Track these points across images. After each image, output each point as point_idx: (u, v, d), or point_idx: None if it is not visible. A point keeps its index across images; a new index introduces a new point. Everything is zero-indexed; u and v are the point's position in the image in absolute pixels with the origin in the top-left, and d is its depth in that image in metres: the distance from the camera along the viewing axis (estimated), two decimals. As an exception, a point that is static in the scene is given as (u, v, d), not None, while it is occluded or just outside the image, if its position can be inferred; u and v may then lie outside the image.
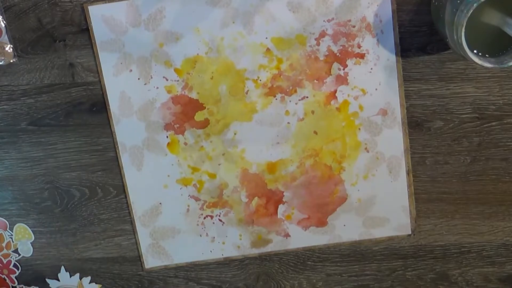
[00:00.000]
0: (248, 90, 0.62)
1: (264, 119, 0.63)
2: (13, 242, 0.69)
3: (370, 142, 0.63)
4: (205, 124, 0.63)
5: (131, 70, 0.62)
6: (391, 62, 0.60)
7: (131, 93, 0.62)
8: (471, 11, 0.47)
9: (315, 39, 0.60)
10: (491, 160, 0.64)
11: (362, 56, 0.60)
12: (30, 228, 0.68)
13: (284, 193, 0.65)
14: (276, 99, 0.62)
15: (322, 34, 0.60)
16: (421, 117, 0.63)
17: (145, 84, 0.62)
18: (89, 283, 0.70)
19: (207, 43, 0.60)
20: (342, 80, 0.61)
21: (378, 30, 0.59)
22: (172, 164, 0.64)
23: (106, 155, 0.65)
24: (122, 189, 0.66)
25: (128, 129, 0.63)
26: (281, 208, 0.66)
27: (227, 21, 0.60)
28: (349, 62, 0.61)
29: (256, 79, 0.61)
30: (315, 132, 0.63)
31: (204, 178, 0.65)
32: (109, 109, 0.63)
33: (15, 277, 0.70)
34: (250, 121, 0.63)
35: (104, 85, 0.62)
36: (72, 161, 0.65)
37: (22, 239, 0.69)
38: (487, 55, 0.52)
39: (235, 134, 0.63)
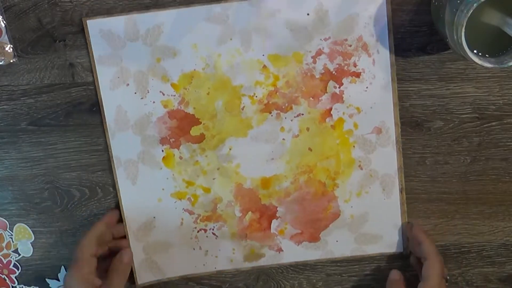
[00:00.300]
0: (244, 106, 0.62)
1: (259, 135, 0.63)
2: (13, 242, 0.69)
3: (364, 159, 0.63)
4: (200, 139, 0.63)
5: (128, 84, 0.62)
6: (387, 81, 0.61)
7: (128, 107, 0.62)
8: (471, 11, 0.47)
9: (312, 57, 0.61)
10: (491, 160, 0.64)
11: (358, 75, 0.61)
12: (30, 228, 0.68)
13: (277, 208, 0.65)
14: (272, 115, 0.62)
15: (319, 52, 0.60)
16: (421, 117, 0.63)
17: (142, 98, 0.62)
18: (89, 283, 0.70)
19: (205, 59, 0.61)
20: (337, 98, 0.62)
21: (374, 50, 0.60)
22: (167, 178, 0.64)
23: (106, 155, 0.65)
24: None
25: (123, 143, 0.63)
26: (274, 223, 0.66)
27: (224, 37, 0.60)
28: (344, 80, 0.61)
29: (252, 96, 0.62)
30: (310, 149, 0.63)
31: (199, 192, 0.65)
32: (105, 123, 0.63)
33: (15, 277, 0.70)
34: (245, 137, 0.63)
35: (101, 98, 0.62)
36: (72, 161, 0.65)
37: (22, 239, 0.69)
38: (487, 55, 0.52)
39: (230, 149, 0.63)
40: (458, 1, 0.49)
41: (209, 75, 0.61)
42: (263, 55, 0.61)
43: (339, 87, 0.61)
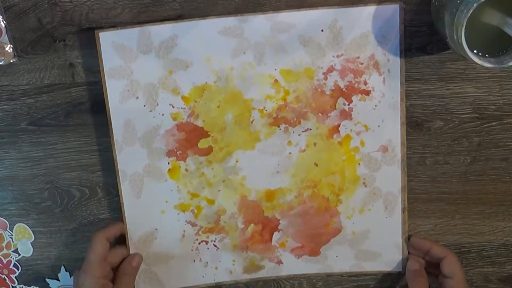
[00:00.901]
0: (253, 120, 0.62)
1: (266, 148, 0.63)
2: (13, 242, 0.69)
3: (368, 177, 0.63)
4: (208, 151, 0.63)
5: (137, 97, 0.62)
6: (395, 101, 0.61)
7: (136, 120, 0.62)
8: (471, 11, 0.47)
9: (323, 73, 0.61)
10: (491, 160, 0.64)
11: (367, 92, 0.61)
12: (30, 228, 0.68)
13: (280, 221, 0.65)
14: (280, 129, 0.63)
15: (330, 69, 0.61)
16: (421, 117, 0.63)
17: (151, 111, 0.62)
18: (89, 283, 0.70)
19: (217, 72, 0.61)
20: (346, 115, 0.62)
21: (385, 69, 0.60)
22: (172, 190, 0.65)
23: (106, 155, 0.65)
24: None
25: (130, 157, 0.63)
26: (276, 236, 0.66)
27: (238, 51, 0.60)
28: (354, 98, 0.61)
29: (262, 109, 0.62)
30: (316, 164, 0.63)
31: (203, 204, 0.65)
32: (113, 137, 0.63)
33: (15, 277, 0.70)
34: (252, 150, 0.63)
35: (109, 111, 0.62)
36: (72, 161, 0.65)
37: (22, 239, 0.69)
38: (487, 55, 0.52)
39: (236, 161, 0.63)
40: (458, 1, 0.49)
41: (220, 88, 0.61)
42: (275, 69, 0.61)
43: (349, 104, 0.61)
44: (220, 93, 0.62)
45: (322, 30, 0.59)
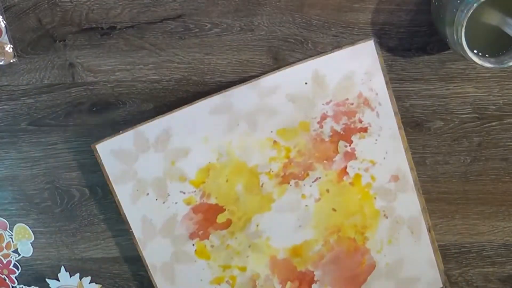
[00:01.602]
0: (263, 184, 0.63)
1: (282, 206, 0.63)
2: (13, 242, 0.69)
3: (387, 208, 0.64)
4: (228, 224, 0.64)
5: (148, 194, 0.63)
6: (394, 130, 0.62)
7: (152, 215, 0.63)
8: (471, 11, 0.47)
9: (318, 123, 0.61)
10: (491, 160, 0.64)
11: (365, 130, 0.62)
12: (30, 228, 0.68)
13: (314, 273, 0.65)
14: (291, 185, 0.63)
15: (323, 117, 0.61)
16: (421, 117, 0.63)
17: (164, 202, 0.63)
18: (89, 283, 0.70)
19: (217, 150, 0.62)
20: (350, 155, 0.62)
21: (376, 103, 0.61)
22: (203, 269, 0.65)
23: (106, 155, 0.65)
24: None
25: (155, 250, 0.64)
26: (314, 286, 0.66)
27: (232, 124, 0.61)
28: (353, 137, 0.62)
29: (269, 171, 0.63)
30: (334, 209, 0.64)
31: (236, 273, 0.65)
32: (134, 237, 0.64)
33: (15, 277, 0.70)
34: (269, 211, 0.63)
35: (124, 214, 0.63)
36: (72, 161, 0.65)
37: (22, 239, 0.69)
38: (487, 55, 0.52)
39: (257, 225, 0.64)
40: (458, 1, 0.49)
41: (224, 163, 0.62)
42: (272, 131, 0.62)
43: (349, 145, 0.62)
44: (225, 168, 0.62)
45: (306, 83, 0.60)
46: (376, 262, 0.65)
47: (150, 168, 0.62)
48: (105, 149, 0.61)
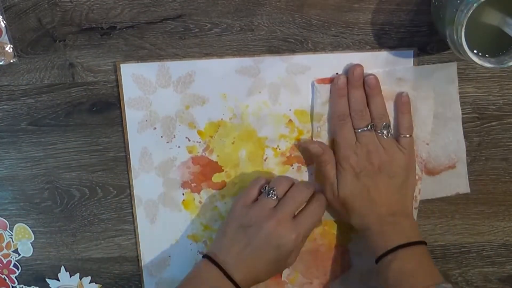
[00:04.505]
0: (266, 158, 0.63)
1: None
2: (13, 242, 0.69)
3: None
4: (221, 185, 0.64)
5: (155, 128, 0.63)
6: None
7: (153, 150, 0.64)
8: (471, 11, 0.47)
9: None
10: (491, 160, 0.64)
11: None
12: (30, 228, 0.68)
13: None
14: (293, 168, 0.63)
15: None
16: (421, 117, 0.63)
17: (167, 142, 0.63)
18: (89, 283, 0.70)
19: (232, 109, 0.62)
20: None
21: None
22: (185, 220, 0.66)
23: (106, 155, 0.65)
24: (122, 189, 0.66)
25: (145, 184, 0.65)
26: (286, 271, 0.66)
27: (254, 90, 0.61)
28: None
29: (276, 148, 0.63)
30: None
31: (214, 237, 0.65)
32: (130, 163, 0.64)
33: (15, 277, 0.70)
34: None
35: (127, 139, 0.63)
36: (72, 161, 0.65)
37: (22, 239, 0.69)
38: (487, 55, 0.52)
39: None
40: (458, 1, 0.49)
41: (235, 125, 0.62)
42: (290, 109, 0.62)
43: None
44: (235, 129, 0.63)
45: (337, 73, 0.60)
46: (352, 264, 0.66)
47: (165, 105, 0.62)
48: (128, 70, 0.61)
